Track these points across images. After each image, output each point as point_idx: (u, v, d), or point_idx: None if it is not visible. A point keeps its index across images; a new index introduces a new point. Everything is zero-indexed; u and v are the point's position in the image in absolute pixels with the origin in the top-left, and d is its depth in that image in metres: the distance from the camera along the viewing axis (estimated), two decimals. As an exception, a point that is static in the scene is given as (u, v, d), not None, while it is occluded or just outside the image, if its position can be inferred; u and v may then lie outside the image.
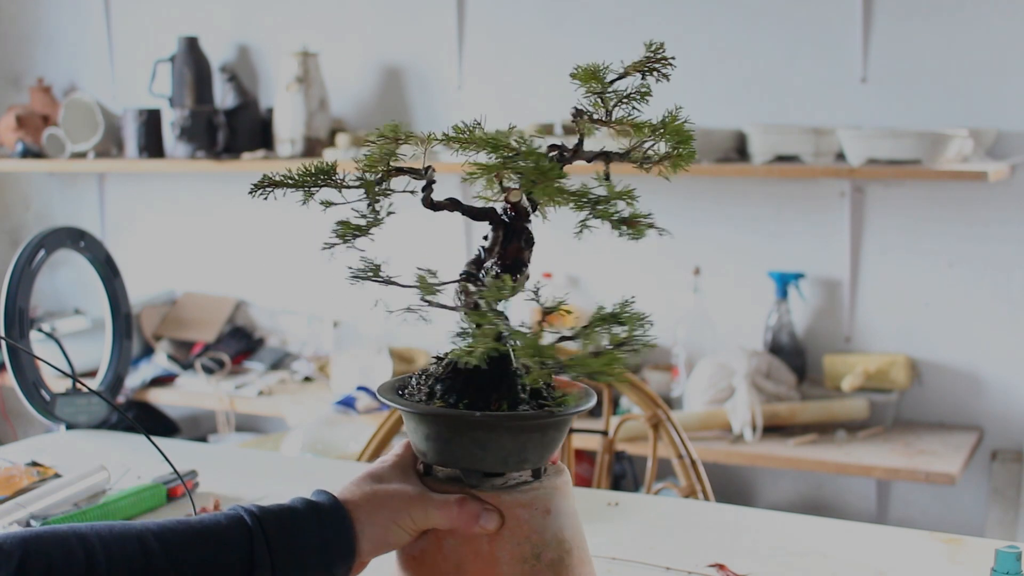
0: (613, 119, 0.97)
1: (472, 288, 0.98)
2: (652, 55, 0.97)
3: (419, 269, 0.97)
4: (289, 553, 0.93)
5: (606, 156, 0.98)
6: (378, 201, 0.99)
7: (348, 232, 0.97)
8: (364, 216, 0.99)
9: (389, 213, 0.99)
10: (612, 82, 0.96)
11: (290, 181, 1.00)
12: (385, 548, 0.97)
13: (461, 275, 0.98)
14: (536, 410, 0.97)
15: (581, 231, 0.95)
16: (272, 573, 0.92)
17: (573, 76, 0.96)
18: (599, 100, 0.97)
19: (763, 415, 2.75)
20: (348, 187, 1.00)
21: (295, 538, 0.93)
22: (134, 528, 0.91)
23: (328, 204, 1.00)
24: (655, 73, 0.97)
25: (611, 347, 0.92)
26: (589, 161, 0.98)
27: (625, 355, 0.91)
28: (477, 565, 0.96)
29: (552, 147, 0.99)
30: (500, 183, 0.98)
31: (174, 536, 0.91)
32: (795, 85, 2.97)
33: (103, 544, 0.88)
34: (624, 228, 0.94)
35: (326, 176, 1.00)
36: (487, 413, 0.94)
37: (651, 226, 0.94)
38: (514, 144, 0.96)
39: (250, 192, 1.00)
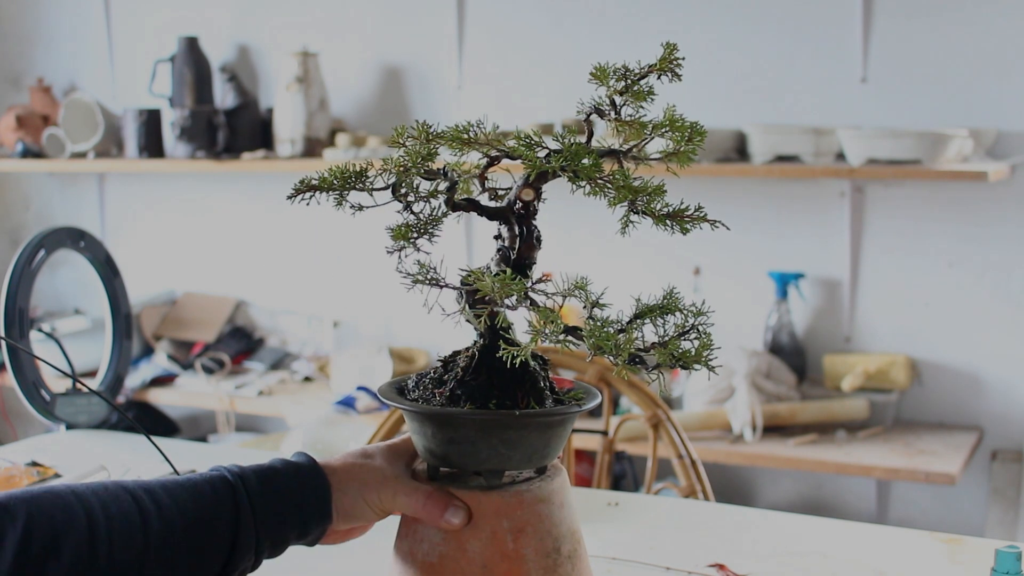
0: (623, 117, 0.97)
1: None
2: (669, 56, 0.98)
3: (462, 270, 0.96)
4: (270, 509, 0.95)
5: (615, 154, 0.99)
6: (419, 202, 0.98)
7: (408, 233, 0.96)
8: (417, 217, 0.98)
9: (444, 213, 0.98)
10: (635, 82, 0.96)
11: (331, 184, 0.99)
12: (349, 520, 1.00)
13: (499, 273, 0.97)
14: (559, 406, 0.98)
15: (625, 227, 0.95)
16: (255, 528, 0.94)
17: (593, 75, 0.96)
18: (612, 100, 0.98)
19: (763, 415, 2.75)
20: (380, 189, 0.99)
21: (275, 495, 0.96)
22: (127, 487, 0.93)
23: (359, 208, 1.00)
24: (671, 74, 0.98)
25: (680, 337, 0.93)
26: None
27: (711, 342, 0.91)
28: (504, 565, 0.96)
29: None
30: (483, 183, 0.99)
31: (165, 494, 0.93)
32: (795, 85, 2.97)
33: (100, 503, 0.90)
34: (669, 223, 0.94)
35: (358, 179, 0.99)
36: (525, 412, 0.95)
37: (704, 219, 0.94)
38: (550, 142, 0.96)
39: (289, 198, 0.99)
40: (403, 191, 0.98)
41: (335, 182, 0.99)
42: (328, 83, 3.39)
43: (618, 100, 0.97)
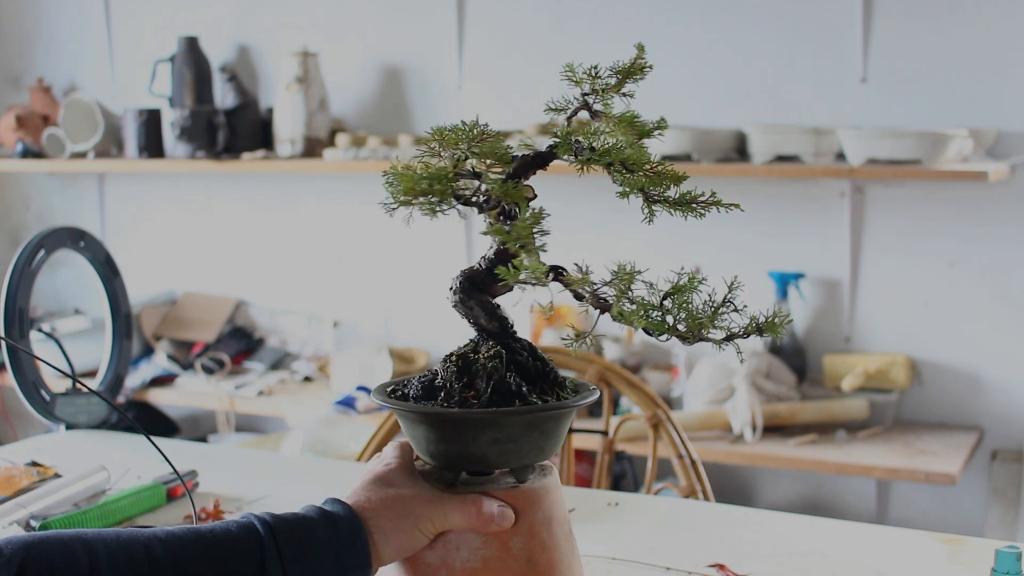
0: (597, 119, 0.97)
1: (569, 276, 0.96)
2: (636, 61, 0.99)
3: (577, 266, 0.96)
4: (302, 565, 0.92)
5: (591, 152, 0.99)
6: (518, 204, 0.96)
7: (525, 232, 0.93)
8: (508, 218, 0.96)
9: (545, 212, 0.96)
10: (603, 90, 0.97)
11: (432, 188, 0.96)
12: (406, 553, 0.97)
13: (553, 267, 0.96)
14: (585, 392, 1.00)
15: (650, 218, 0.95)
16: None
17: (569, 79, 0.96)
18: (584, 100, 0.99)
19: (763, 415, 2.75)
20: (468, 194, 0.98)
21: (308, 549, 0.92)
22: (142, 536, 0.90)
23: (464, 201, 0.98)
24: (637, 78, 1.00)
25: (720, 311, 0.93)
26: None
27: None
28: (545, 556, 0.98)
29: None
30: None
31: (182, 544, 0.89)
32: (795, 85, 2.97)
33: (108, 551, 0.87)
34: (682, 209, 0.95)
35: (445, 182, 0.97)
36: (563, 403, 0.97)
37: (718, 203, 0.95)
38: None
39: (387, 208, 0.96)
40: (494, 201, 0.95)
41: (436, 187, 0.95)
42: (328, 83, 3.39)
43: (590, 100, 0.98)
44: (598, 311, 0.93)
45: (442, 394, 0.98)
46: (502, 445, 0.96)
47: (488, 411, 0.95)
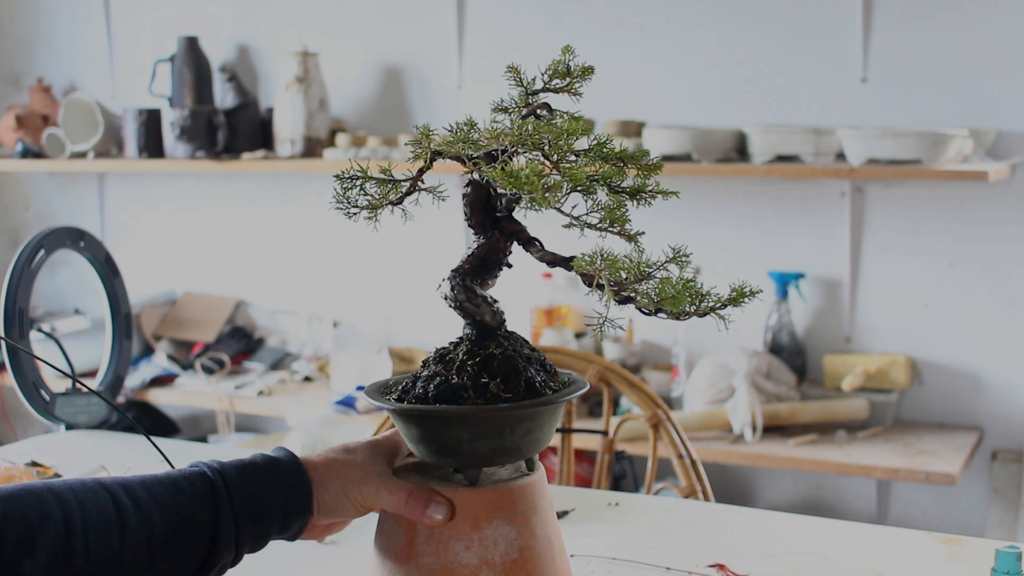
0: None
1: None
2: (572, 66, 1.00)
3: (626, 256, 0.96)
4: (250, 505, 0.96)
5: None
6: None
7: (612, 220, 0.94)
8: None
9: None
10: (531, 95, 0.99)
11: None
12: (331, 515, 1.00)
13: (570, 258, 0.97)
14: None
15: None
16: (235, 523, 0.95)
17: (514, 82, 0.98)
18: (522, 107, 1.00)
19: (763, 415, 2.75)
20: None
21: (255, 490, 0.96)
22: (104, 483, 0.93)
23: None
24: (571, 92, 1.00)
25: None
26: None
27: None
28: (558, 540, 1.02)
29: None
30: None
31: (143, 491, 0.93)
32: (795, 85, 2.97)
33: (77, 500, 0.90)
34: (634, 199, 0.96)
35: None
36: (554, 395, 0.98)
37: (662, 192, 0.96)
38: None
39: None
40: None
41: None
42: (328, 83, 3.39)
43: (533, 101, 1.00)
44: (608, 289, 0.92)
45: (470, 392, 0.97)
46: (532, 435, 0.98)
47: (517, 406, 0.96)
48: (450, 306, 1.01)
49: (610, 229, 0.93)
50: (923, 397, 2.93)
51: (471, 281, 1.01)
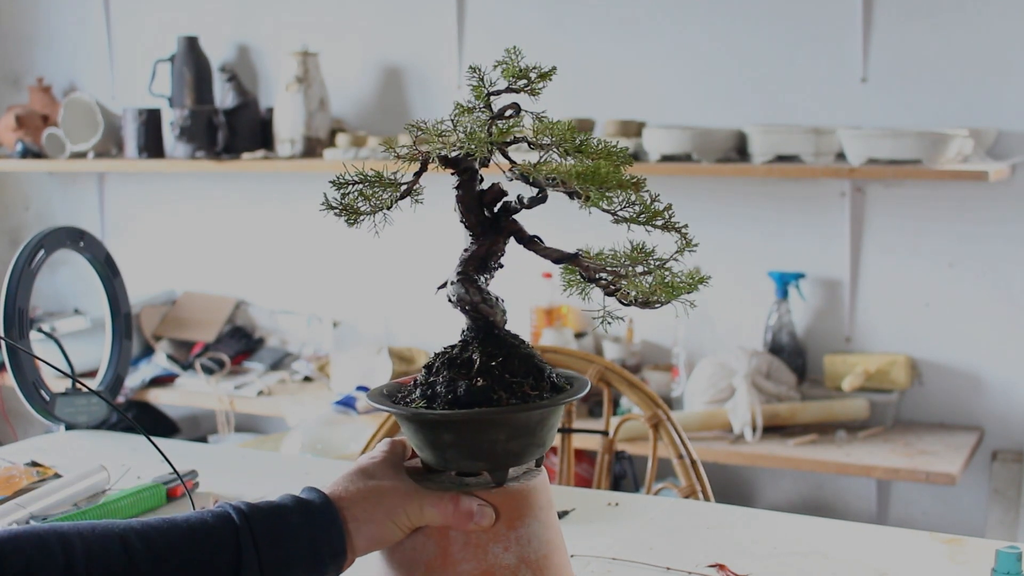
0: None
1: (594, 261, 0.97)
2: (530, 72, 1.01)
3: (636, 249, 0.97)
4: (277, 552, 0.92)
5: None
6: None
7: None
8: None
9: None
10: (489, 95, 0.99)
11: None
12: (379, 545, 0.97)
13: (575, 254, 0.97)
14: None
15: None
16: (260, 572, 0.91)
17: (473, 88, 0.99)
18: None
19: (763, 415, 2.75)
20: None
21: (284, 537, 0.92)
22: (117, 527, 0.90)
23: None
24: (528, 92, 1.01)
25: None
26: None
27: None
28: (560, 538, 1.03)
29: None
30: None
31: (158, 535, 0.90)
32: (795, 85, 2.97)
33: (84, 544, 0.88)
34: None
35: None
36: (551, 398, 0.98)
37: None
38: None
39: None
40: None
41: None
42: (328, 83, 3.39)
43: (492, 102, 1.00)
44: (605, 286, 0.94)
45: (501, 392, 0.97)
46: (533, 436, 0.97)
47: (540, 403, 0.96)
48: (463, 308, 1.00)
49: (653, 223, 0.95)
50: (923, 397, 2.93)
51: (481, 282, 1.00)
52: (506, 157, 0.99)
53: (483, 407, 0.95)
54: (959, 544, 1.27)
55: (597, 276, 0.95)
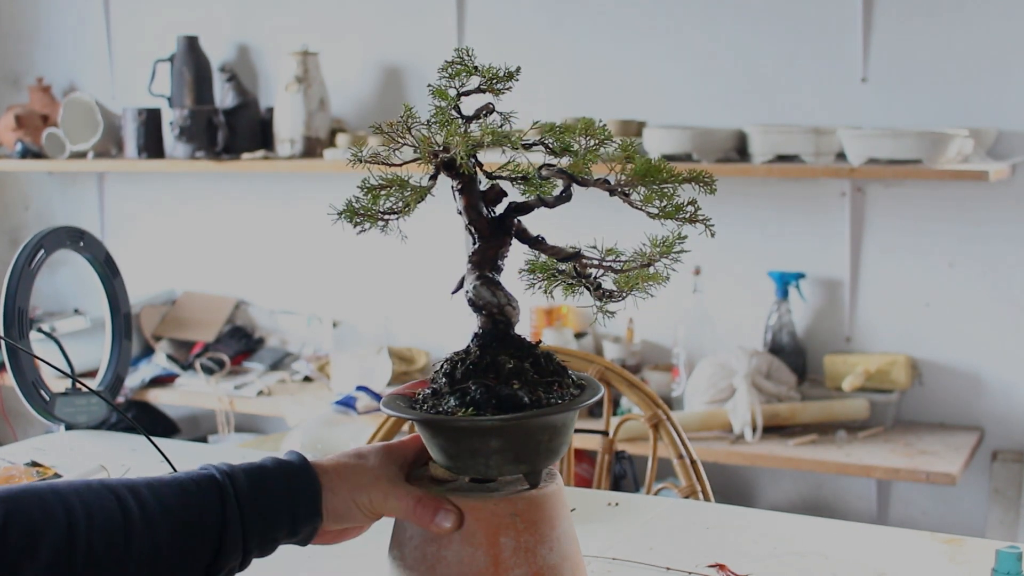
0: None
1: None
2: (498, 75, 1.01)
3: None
4: (257, 509, 0.94)
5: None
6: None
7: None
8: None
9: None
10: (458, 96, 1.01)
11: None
12: (340, 521, 0.99)
13: (578, 252, 0.99)
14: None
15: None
16: (242, 527, 0.94)
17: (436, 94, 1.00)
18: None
19: (763, 415, 2.75)
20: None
21: (264, 494, 0.95)
22: (110, 485, 0.92)
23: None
24: (496, 92, 1.02)
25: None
26: None
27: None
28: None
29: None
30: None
31: (149, 493, 0.92)
32: (795, 85, 2.97)
33: (82, 502, 0.89)
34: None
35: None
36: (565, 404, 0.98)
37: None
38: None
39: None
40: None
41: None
42: (328, 83, 3.39)
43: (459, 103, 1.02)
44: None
45: (540, 393, 0.97)
46: (553, 441, 0.98)
47: (566, 405, 0.97)
48: (490, 312, 0.99)
49: (679, 216, 0.98)
50: (923, 397, 2.92)
51: (503, 284, 1.00)
52: (479, 168, 1.00)
53: (531, 409, 0.95)
54: (959, 544, 1.27)
55: (595, 272, 0.96)
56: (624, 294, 0.96)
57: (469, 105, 1.01)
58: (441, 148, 0.98)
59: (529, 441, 0.96)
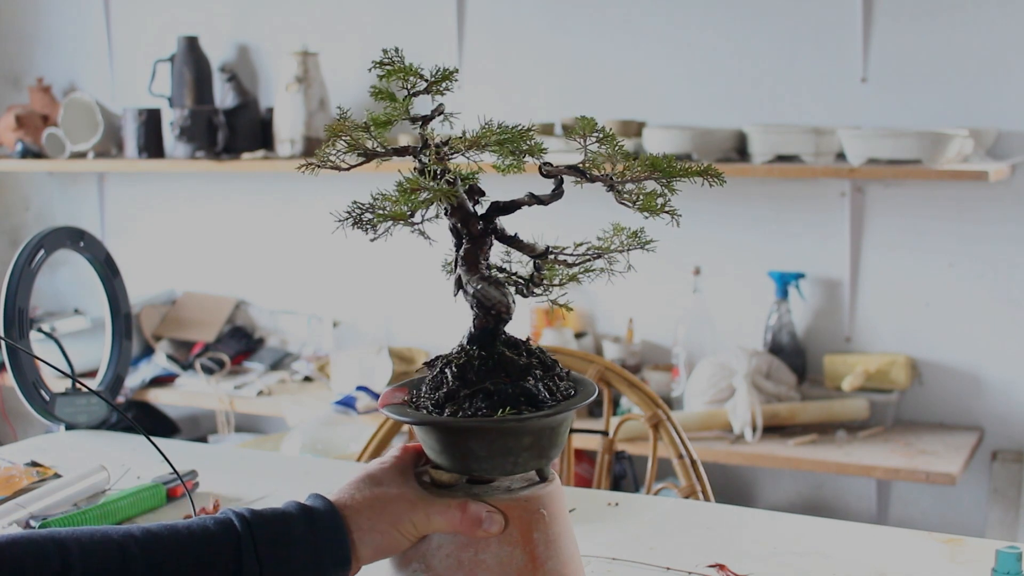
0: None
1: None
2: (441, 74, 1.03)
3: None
4: (278, 560, 0.91)
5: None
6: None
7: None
8: None
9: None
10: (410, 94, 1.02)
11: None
12: (385, 554, 0.96)
13: (546, 249, 1.01)
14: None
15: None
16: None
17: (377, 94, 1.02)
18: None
19: (763, 415, 2.75)
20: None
21: (286, 544, 0.91)
22: (116, 533, 0.89)
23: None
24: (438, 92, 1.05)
25: None
26: None
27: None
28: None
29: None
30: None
31: (158, 542, 0.89)
32: (795, 85, 2.97)
33: (81, 550, 0.87)
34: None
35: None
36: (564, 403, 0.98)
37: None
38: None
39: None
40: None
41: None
42: (328, 83, 3.39)
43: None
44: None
45: (544, 391, 0.98)
46: (547, 439, 0.98)
47: (562, 407, 0.97)
48: (499, 311, 0.99)
49: (656, 209, 1.00)
50: (923, 397, 2.93)
51: (503, 283, 1.01)
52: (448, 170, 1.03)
53: (552, 404, 0.97)
54: (959, 544, 1.27)
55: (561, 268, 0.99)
56: (558, 284, 0.99)
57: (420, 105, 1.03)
58: (446, 146, 0.99)
59: (552, 436, 0.98)
